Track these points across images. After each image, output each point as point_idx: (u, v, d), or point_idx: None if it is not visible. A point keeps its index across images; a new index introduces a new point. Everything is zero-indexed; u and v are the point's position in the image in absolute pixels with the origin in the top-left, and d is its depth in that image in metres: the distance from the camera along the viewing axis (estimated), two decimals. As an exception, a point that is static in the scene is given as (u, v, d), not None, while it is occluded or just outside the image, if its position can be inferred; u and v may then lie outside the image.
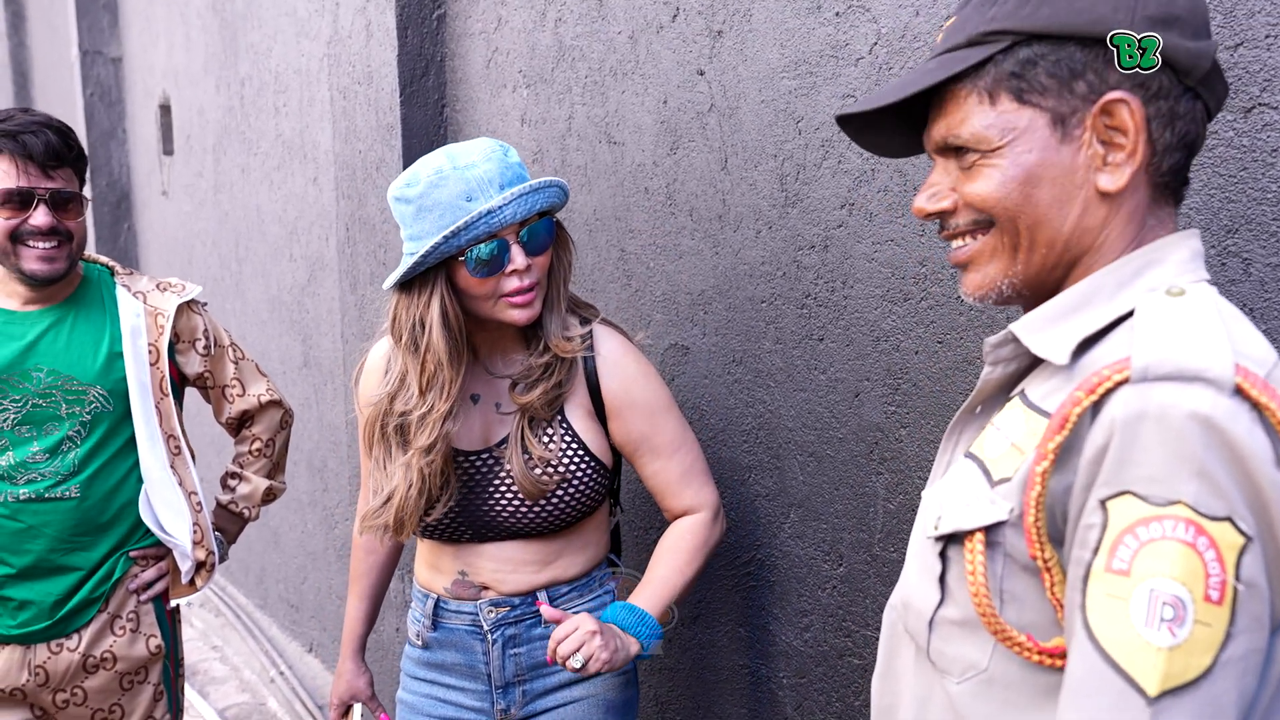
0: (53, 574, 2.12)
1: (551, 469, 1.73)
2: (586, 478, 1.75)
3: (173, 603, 2.27)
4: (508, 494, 1.75)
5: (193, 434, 2.40)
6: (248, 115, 4.11)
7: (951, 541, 1.02)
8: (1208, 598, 0.82)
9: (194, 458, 2.29)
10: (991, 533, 0.97)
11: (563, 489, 1.74)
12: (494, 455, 1.76)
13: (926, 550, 1.05)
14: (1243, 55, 1.25)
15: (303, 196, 3.72)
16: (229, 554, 2.40)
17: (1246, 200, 1.27)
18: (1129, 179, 0.96)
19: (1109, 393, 0.88)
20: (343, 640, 2.11)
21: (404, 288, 1.68)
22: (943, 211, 1.05)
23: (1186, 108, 0.97)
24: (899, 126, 1.08)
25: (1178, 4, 0.95)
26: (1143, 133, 0.95)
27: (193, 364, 2.28)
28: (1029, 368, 1.04)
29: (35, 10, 7.29)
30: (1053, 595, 0.94)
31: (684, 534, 1.81)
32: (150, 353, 2.18)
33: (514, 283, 1.65)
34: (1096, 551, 0.86)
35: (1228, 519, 0.82)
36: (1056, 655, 0.94)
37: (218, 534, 2.34)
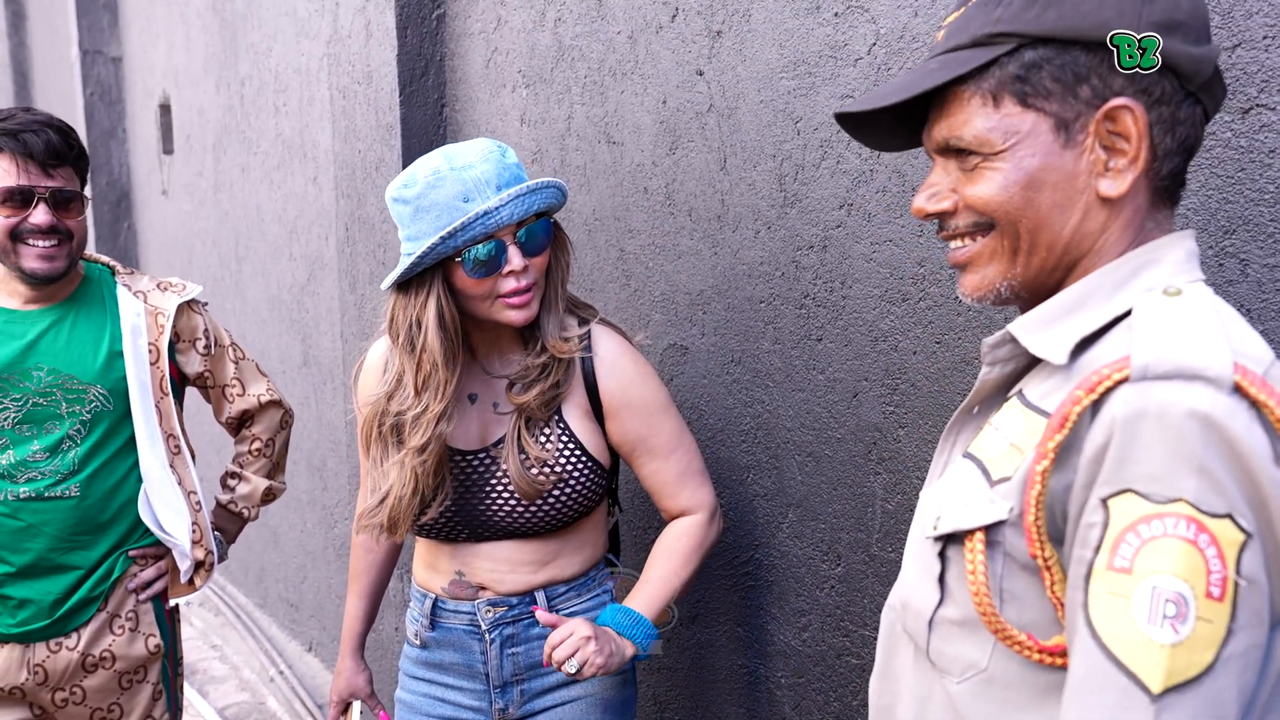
0: (52, 573, 2.12)
1: (548, 469, 1.73)
2: (583, 478, 1.76)
3: (171, 602, 2.27)
4: (504, 494, 1.75)
5: (193, 434, 2.40)
6: (247, 115, 4.12)
7: (951, 541, 1.02)
8: (1209, 594, 0.82)
9: (194, 457, 2.29)
10: (991, 532, 0.97)
11: (559, 489, 1.74)
12: (490, 455, 1.76)
13: (925, 550, 1.05)
14: (1240, 56, 1.25)
15: (302, 196, 3.72)
16: (228, 554, 2.40)
17: (1244, 201, 1.27)
18: (1130, 185, 0.97)
19: (1109, 391, 0.89)
20: (342, 638, 2.11)
21: (401, 288, 1.68)
22: (942, 212, 1.05)
23: (1187, 113, 0.97)
24: (898, 123, 1.08)
25: (1181, 9, 0.95)
26: (1145, 139, 0.95)
27: (193, 363, 2.28)
28: (1026, 368, 1.04)
29: (35, 10, 7.29)
30: (1053, 594, 0.94)
31: (680, 535, 1.81)
32: (150, 352, 2.18)
33: (511, 283, 1.65)
34: (1098, 550, 0.86)
35: (1228, 516, 0.82)
36: (1057, 654, 0.95)
37: (217, 533, 2.34)
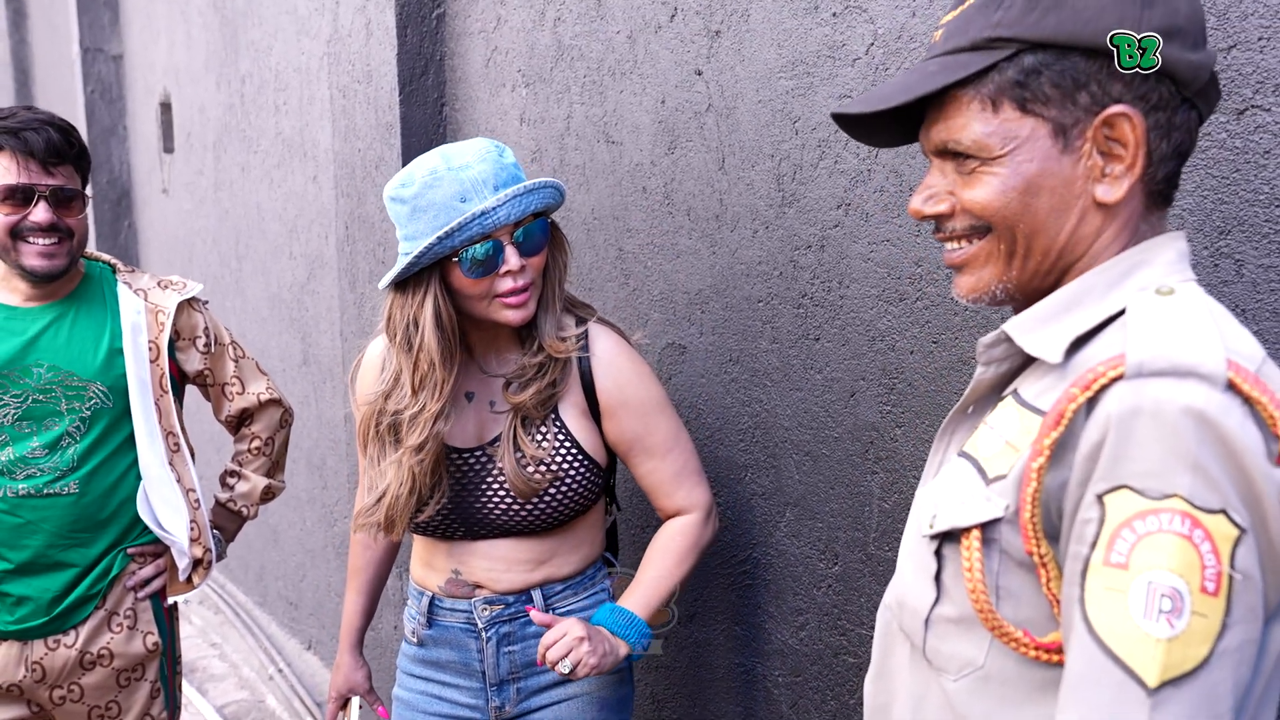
0: (51, 570, 2.12)
1: (544, 467, 1.73)
2: (579, 476, 1.76)
3: (170, 600, 2.27)
4: (500, 492, 1.75)
5: (192, 432, 2.40)
6: (248, 113, 4.12)
7: (947, 539, 1.02)
8: (1204, 589, 0.82)
9: (193, 455, 2.30)
10: (988, 529, 0.98)
11: (555, 487, 1.74)
12: (486, 453, 1.77)
13: (921, 549, 1.06)
14: (1236, 57, 1.26)
15: (302, 195, 3.73)
16: (226, 552, 2.40)
17: (1239, 202, 1.27)
18: (1126, 191, 0.97)
19: (1104, 389, 0.89)
20: (341, 634, 2.11)
21: (399, 287, 1.68)
22: (939, 215, 1.05)
23: (1183, 118, 0.98)
24: (895, 121, 1.09)
25: (1180, 14, 0.95)
26: (1142, 146, 0.96)
27: (193, 361, 2.28)
28: (1020, 368, 1.05)
29: (36, 7, 7.29)
30: (1049, 591, 0.94)
31: (675, 535, 1.81)
32: (150, 349, 2.18)
33: (508, 283, 1.65)
34: (1094, 546, 0.87)
35: (1222, 511, 0.83)
36: (1053, 650, 0.95)
37: (215, 532, 2.34)
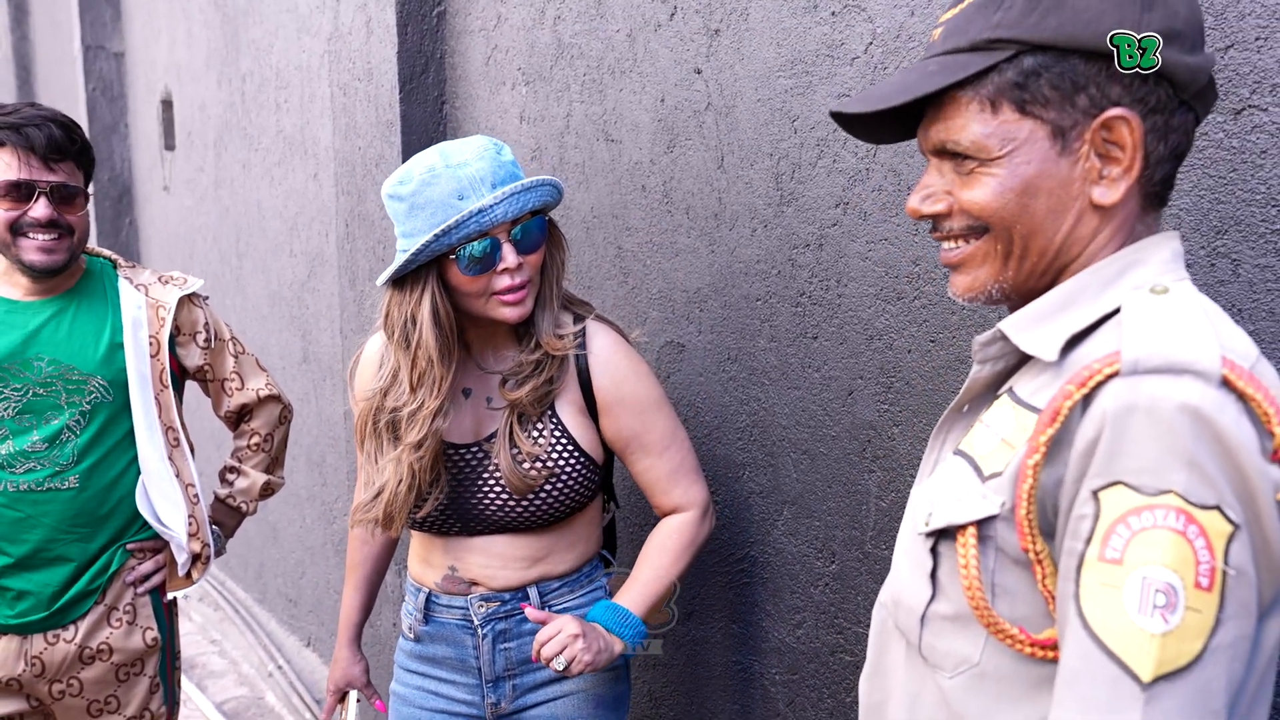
0: (50, 564, 2.13)
1: (540, 464, 1.74)
2: (576, 473, 1.76)
3: (169, 595, 2.27)
4: (496, 488, 1.76)
5: (192, 428, 2.41)
6: (249, 111, 4.12)
7: (943, 537, 1.03)
8: (1198, 584, 0.83)
9: (193, 451, 2.30)
10: (983, 527, 0.98)
11: (551, 484, 1.75)
12: (483, 449, 1.77)
13: (917, 547, 1.06)
14: (1233, 57, 1.26)
15: (303, 192, 3.73)
16: (225, 548, 2.41)
17: (1235, 201, 1.28)
18: (1123, 193, 0.98)
19: (1099, 386, 0.90)
20: (339, 628, 2.12)
21: (397, 284, 1.69)
22: (936, 214, 1.06)
23: (1180, 120, 0.98)
24: (893, 119, 1.09)
25: (1179, 18, 0.95)
26: (1140, 149, 0.96)
27: (193, 357, 2.29)
28: (1016, 366, 1.05)
29: (38, 5, 7.30)
30: (1044, 587, 0.95)
31: (671, 533, 1.82)
32: (151, 344, 2.19)
33: (505, 281, 1.65)
34: (1089, 541, 0.87)
35: (1216, 507, 0.84)
36: (1049, 647, 0.96)
37: (214, 527, 2.35)
